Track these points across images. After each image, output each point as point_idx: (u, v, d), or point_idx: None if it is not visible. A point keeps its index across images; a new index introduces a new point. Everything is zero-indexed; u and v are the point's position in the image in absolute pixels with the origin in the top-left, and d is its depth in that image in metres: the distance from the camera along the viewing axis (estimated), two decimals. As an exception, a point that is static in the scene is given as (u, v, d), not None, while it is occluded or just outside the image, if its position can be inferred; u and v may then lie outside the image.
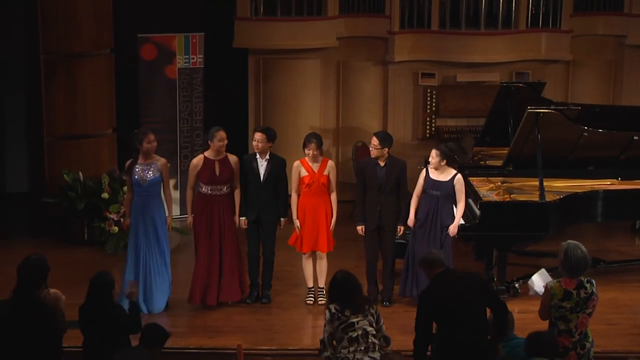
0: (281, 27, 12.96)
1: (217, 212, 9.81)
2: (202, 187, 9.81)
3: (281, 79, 13.24)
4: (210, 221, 9.82)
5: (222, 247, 9.87)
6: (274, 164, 9.88)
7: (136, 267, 9.75)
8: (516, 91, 11.27)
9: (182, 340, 9.35)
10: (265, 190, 9.86)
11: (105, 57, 12.13)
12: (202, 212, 9.83)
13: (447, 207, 9.69)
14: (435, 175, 9.69)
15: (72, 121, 11.98)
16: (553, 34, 13.17)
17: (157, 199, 9.79)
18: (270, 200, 9.89)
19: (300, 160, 9.91)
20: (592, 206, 10.16)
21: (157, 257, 9.81)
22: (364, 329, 7.19)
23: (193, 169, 9.84)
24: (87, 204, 11.67)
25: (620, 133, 10.59)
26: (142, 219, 9.71)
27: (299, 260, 10.30)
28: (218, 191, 9.80)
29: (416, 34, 13.15)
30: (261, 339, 9.32)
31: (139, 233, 9.73)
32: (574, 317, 6.80)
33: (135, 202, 9.73)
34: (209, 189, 9.77)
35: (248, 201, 9.88)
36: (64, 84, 11.89)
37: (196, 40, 12.64)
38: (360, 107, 13.48)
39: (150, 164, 9.71)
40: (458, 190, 9.66)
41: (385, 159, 9.82)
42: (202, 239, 9.88)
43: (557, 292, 6.76)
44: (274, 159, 9.90)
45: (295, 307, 10.15)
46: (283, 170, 9.95)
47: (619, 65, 13.58)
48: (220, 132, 9.75)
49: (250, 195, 9.88)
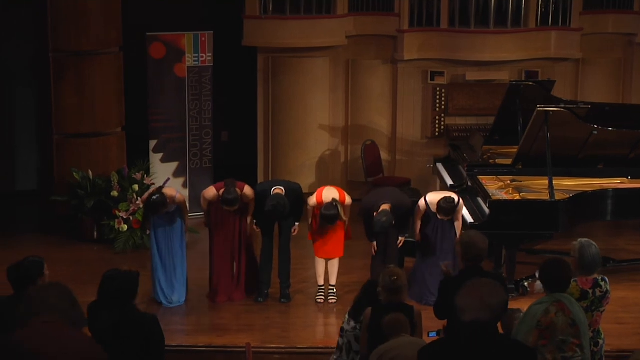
0: (290, 25, 12.97)
1: (233, 215, 9.91)
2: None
3: (290, 78, 13.25)
4: (226, 224, 9.93)
5: (239, 248, 9.97)
6: (291, 195, 9.93)
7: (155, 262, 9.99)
8: (525, 89, 11.27)
9: (191, 338, 9.41)
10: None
11: (114, 56, 12.16)
12: (218, 215, 9.94)
13: (451, 231, 9.82)
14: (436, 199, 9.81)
15: (81, 119, 12.00)
16: (563, 32, 13.16)
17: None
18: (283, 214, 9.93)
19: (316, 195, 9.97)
20: (601, 205, 10.15)
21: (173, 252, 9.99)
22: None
23: (204, 202, 9.99)
24: (96, 202, 11.69)
25: (630, 131, 10.58)
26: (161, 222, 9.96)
27: (310, 259, 10.32)
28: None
29: (425, 33, 13.16)
30: (270, 337, 9.34)
31: (159, 232, 9.95)
32: (589, 315, 6.79)
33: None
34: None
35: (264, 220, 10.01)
36: (73, 83, 11.91)
37: (205, 38, 12.65)
38: (369, 105, 13.48)
39: (168, 212, 9.89)
40: (458, 212, 9.80)
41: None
42: (215, 239, 10.00)
43: (574, 292, 6.74)
44: (289, 189, 9.96)
45: (306, 306, 10.16)
46: (299, 197, 10.07)
47: (629, 64, 13.57)
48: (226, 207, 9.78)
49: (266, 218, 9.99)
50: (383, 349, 6.40)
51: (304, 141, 13.17)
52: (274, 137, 13.31)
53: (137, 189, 11.65)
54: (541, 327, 6.27)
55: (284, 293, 10.21)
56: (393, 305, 7.01)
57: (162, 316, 9.29)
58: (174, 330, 9.38)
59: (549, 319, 6.27)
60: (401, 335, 6.48)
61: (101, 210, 11.70)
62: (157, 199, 9.68)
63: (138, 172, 11.86)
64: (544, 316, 6.28)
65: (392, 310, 6.93)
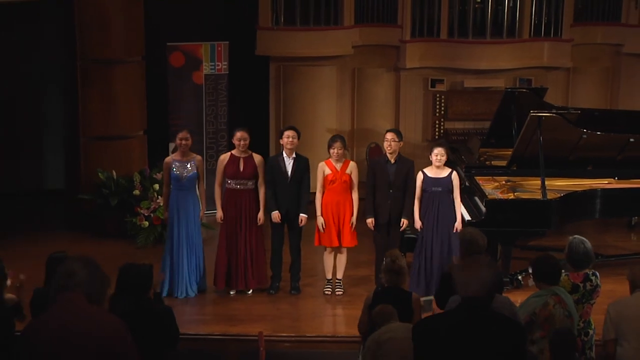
0: (300, 36, 12.95)
1: (243, 205, 9.87)
2: (229, 182, 9.89)
3: (300, 85, 13.23)
4: (236, 213, 9.87)
5: (245, 238, 9.91)
6: (300, 163, 9.93)
7: (171, 255, 9.93)
8: (520, 96, 11.22)
9: (207, 327, 9.38)
10: (292, 188, 9.89)
11: (137, 64, 12.15)
12: (229, 205, 9.89)
13: (448, 200, 9.69)
14: (434, 173, 9.71)
15: (106, 123, 12.00)
16: (554, 42, 13.13)
17: (193, 193, 9.97)
18: (297, 197, 9.91)
19: (325, 161, 9.92)
20: (591, 203, 10.12)
21: (188, 247, 9.94)
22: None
23: (220, 163, 9.95)
24: (119, 200, 11.70)
25: (617, 135, 10.54)
26: (178, 212, 9.90)
27: (318, 254, 10.30)
28: (243, 186, 9.85)
29: (426, 43, 13.13)
30: (281, 327, 9.32)
31: (174, 225, 9.90)
32: (580, 307, 6.76)
33: (172, 196, 9.91)
34: (234, 184, 9.83)
35: (277, 198, 9.91)
36: (98, 89, 11.91)
37: (221, 48, 12.64)
38: (374, 111, 13.46)
39: (187, 160, 9.86)
40: (455, 186, 9.69)
41: (395, 157, 9.82)
42: (226, 229, 9.94)
43: (565, 285, 6.71)
44: (299, 158, 9.96)
45: (314, 297, 10.14)
46: (307, 168, 9.99)
47: (616, 72, 13.53)
48: (238, 132, 9.84)
49: (279, 193, 9.89)
50: (377, 334, 6.42)
51: (312, 143, 13.11)
52: (285, 140, 13.27)
53: (158, 188, 11.64)
54: (537, 318, 6.27)
55: (294, 285, 10.18)
56: (392, 289, 7.00)
57: (180, 306, 9.33)
58: (191, 320, 9.39)
59: (547, 311, 6.26)
60: (390, 322, 6.47)
61: (124, 208, 11.70)
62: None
63: (158, 173, 11.83)
64: (542, 309, 6.28)
65: (391, 293, 6.92)
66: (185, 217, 9.90)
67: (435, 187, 9.67)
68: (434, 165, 9.70)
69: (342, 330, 9.33)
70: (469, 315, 4.59)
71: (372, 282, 9.91)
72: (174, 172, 9.85)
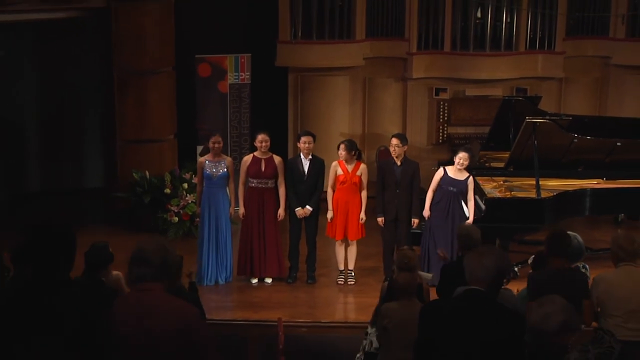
0: (316, 49, 12.94)
1: (264, 202, 9.89)
2: (251, 181, 9.90)
3: (316, 93, 13.23)
4: (257, 209, 9.90)
5: (264, 231, 9.93)
6: (316, 163, 9.94)
7: (202, 247, 9.99)
8: (516, 104, 11.20)
9: (232, 313, 9.40)
10: (309, 186, 9.89)
11: (168, 74, 12.17)
12: (251, 202, 9.90)
13: (459, 201, 9.67)
14: (453, 174, 9.68)
15: (140, 128, 12.01)
16: (548, 55, 13.08)
17: (223, 191, 10.00)
18: (313, 194, 9.90)
19: (338, 161, 9.91)
20: (581, 202, 10.09)
21: (217, 239, 9.99)
22: None
23: (243, 164, 9.96)
24: (152, 198, 11.72)
25: (605, 140, 10.51)
26: (209, 208, 9.94)
27: (331, 247, 10.29)
28: (264, 184, 9.86)
29: (431, 55, 13.10)
30: (298, 313, 9.31)
31: (205, 219, 9.94)
32: None
33: (205, 193, 9.96)
34: (256, 182, 9.85)
35: (297, 195, 9.91)
36: (133, 97, 11.93)
37: (244, 60, 12.65)
38: (383, 117, 13.44)
39: (219, 161, 9.91)
40: (470, 189, 9.66)
41: (401, 160, 9.80)
42: (247, 223, 9.96)
43: None
44: (315, 158, 9.97)
45: (328, 287, 10.13)
46: (322, 168, 10.01)
47: (605, 82, 13.46)
48: (260, 135, 9.88)
49: (298, 190, 9.89)
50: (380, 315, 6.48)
51: (327, 147, 13.07)
52: (302, 143, 13.27)
53: (187, 187, 11.66)
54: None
55: (310, 275, 10.18)
56: None
57: (207, 294, 9.32)
58: (217, 307, 9.38)
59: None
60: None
61: (156, 205, 11.72)
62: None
63: (187, 173, 11.86)
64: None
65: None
66: (215, 212, 9.94)
67: (452, 187, 9.66)
68: (456, 166, 9.67)
69: (353, 317, 9.33)
70: (472, 302, 4.54)
71: (381, 272, 9.90)
72: (206, 171, 9.89)
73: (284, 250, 10.13)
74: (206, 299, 7.60)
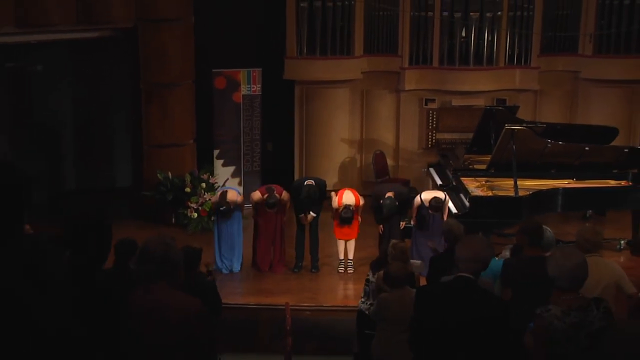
0: (319, 64, 12.93)
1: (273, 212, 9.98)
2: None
3: (319, 103, 13.21)
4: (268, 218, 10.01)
5: (274, 228, 9.95)
6: (318, 183, 10.05)
7: (219, 241, 10.04)
8: (497, 113, 11.17)
9: (243, 298, 9.41)
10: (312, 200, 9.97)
11: (188, 86, 12.17)
12: (261, 211, 10.01)
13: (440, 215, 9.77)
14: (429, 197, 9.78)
15: (163, 134, 12.02)
16: (524, 69, 13.05)
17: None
18: (315, 200, 9.95)
19: (334, 193, 10.02)
20: (554, 200, 10.05)
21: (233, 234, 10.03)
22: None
23: (252, 201, 10.05)
24: (174, 196, 11.72)
25: (575, 145, 10.48)
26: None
27: (332, 240, 10.30)
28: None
29: (421, 69, 13.08)
30: (304, 299, 9.33)
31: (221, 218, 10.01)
32: None
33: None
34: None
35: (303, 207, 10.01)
36: (158, 106, 11.93)
37: (256, 73, 12.64)
38: (379, 124, 13.41)
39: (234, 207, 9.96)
40: (445, 207, 9.77)
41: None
42: (259, 222, 10.01)
43: None
44: (318, 180, 10.11)
45: (330, 275, 10.14)
46: (324, 187, 10.15)
47: (575, 94, 13.43)
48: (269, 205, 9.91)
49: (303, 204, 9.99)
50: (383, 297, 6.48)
51: (329, 151, 13.13)
52: (306, 147, 13.27)
53: (205, 186, 11.66)
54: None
55: (314, 265, 10.18)
56: None
57: (222, 281, 9.31)
58: (231, 293, 9.39)
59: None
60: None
61: (177, 202, 11.72)
62: (224, 209, 9.85)
63: (205, 173, 11.86)
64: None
65: None
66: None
67: (430, 210, 9.75)
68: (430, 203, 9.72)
69: (352, 302, 9.31)
70: (461, 287, 4.55)
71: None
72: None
73: (290, 244, 10.14)
74: (222, 286, 7.59)
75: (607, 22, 12.88)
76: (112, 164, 13.87)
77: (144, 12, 11.55)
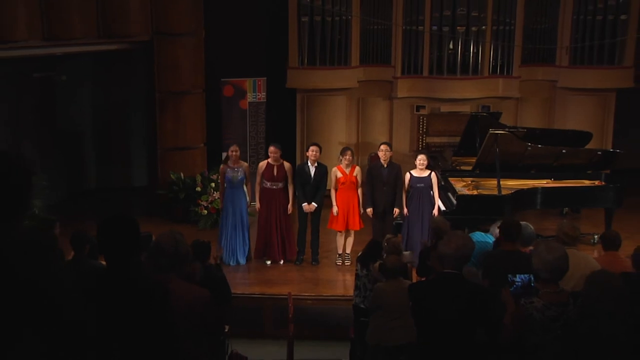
0: (319, 73, 12.92)
1: (276, 199, 9.84)
2: (265, 183, 9.85)
3: (319, 110, 13.21)
4: (270, 205, 9.88)
5: (277, 223, 9.92)
6: (320, 169, 9.91)
7: (227, 236, 9.97)
8: (481, 118, 11.19)
9: (249, 288, 9.39)
10: (314, 187, 9.87)
11: (199, 94, 12.17)
12: (264, 200, 9.87)
13: (429, 194, 9.70)
14: (418, 174, 9.71)
15: (176, 138, 12.02)
16: (507, 79, 13.05)
17: (242, 190, 9.96)
18: (317, 193, 9.87)
19: (337, 167, 9.90)
20: (534, 198, 10.07)
21: (238, 229, 9.95)
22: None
23: (259, 169, 9.95)
24: (186, 195, 11.72)
25: (553, 147, 10.49)
26: (232, 204, 9.92)
27: (332, 235, 10.29)
28: (275, 186, 9.83)
29: (412, 79, 13.07)
30: (305, 289, 9.32)
31: (228, 214, 9.92)
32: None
33: (227, 193, 9.94)
34: (269, 184, 9.81)
35: (304, 194, 9.90)
36: (171, 113, 11.94)
37: (261, 82, 12.64)
38: (374, 129, 13.41)
39: (237, 167, 9.84)
40: (434, 183, 9.70)
41: (387, 163, 9.78)
42: (263, 216, 9.96)
43: None
44: (320, 165, 9.93)
45: (329, 267, 10.13)
46: (325, 173, 9.98)
47: (553, 101, 13.43)
48: (270, 147, 9.89)
49: (305, 190, 9.88)
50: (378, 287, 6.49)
51: (328, 153, 13.07)
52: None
53: (214, 186, 11.65)
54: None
55: (315, 258, 10.18)
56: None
57: (230, 273, 9.29)
58: (238, 283, 9.39)
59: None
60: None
61: (189, 200, 11.72)
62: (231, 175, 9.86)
63: (214, 174, 11.85)
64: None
65: None
66: (236, 207, 9.92)
67: (419, 184, 9.66)
68: (418, 168, 9.69)
69: (350, 292, 9.29)
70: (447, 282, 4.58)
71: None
72: (227, 176, 9.86)
73: (293, 238, 10.12)
74: (230, 277, 7.57)
75: (581, 36, 12.89)
76: (130, 165, 13.87)
77: (159, 27, 11.57)
